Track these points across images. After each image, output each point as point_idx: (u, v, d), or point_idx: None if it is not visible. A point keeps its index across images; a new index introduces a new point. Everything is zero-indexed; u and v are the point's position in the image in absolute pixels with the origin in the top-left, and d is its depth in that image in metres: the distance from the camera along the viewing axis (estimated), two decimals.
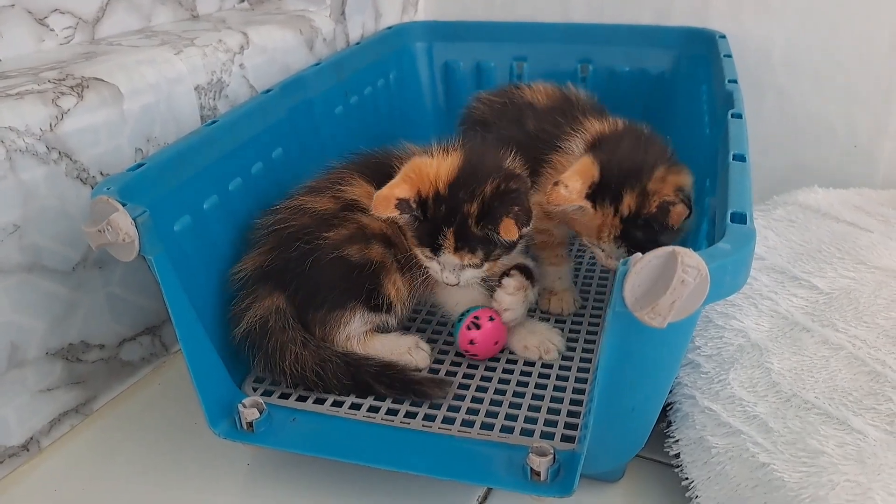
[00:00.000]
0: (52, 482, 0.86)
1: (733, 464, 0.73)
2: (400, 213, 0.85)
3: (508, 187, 0.87)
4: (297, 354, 0.88)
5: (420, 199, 0.86)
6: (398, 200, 0.85)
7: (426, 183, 0.87)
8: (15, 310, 0.85)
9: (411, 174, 0.87)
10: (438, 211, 0.86)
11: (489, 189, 0.86)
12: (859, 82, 1.34)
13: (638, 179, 0.90)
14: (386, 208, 0.84)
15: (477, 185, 0.86)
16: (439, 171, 0.88)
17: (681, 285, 0.56)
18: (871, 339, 0.82)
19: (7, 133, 0.82)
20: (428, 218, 0.87)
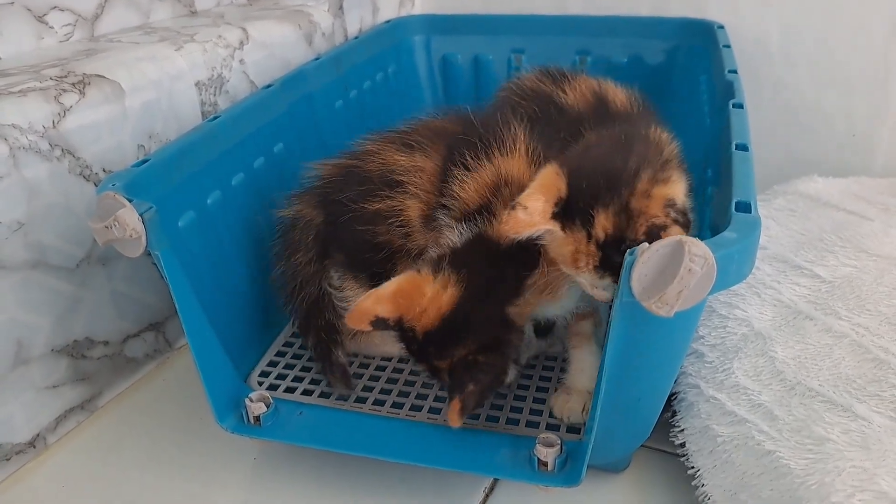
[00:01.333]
0: (58, 478, 0.87)
1: (739, 452, 0.74)
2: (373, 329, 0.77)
3: (476, 360, 0.75)
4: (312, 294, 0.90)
5: (400, 325, 0.77)
6: (376, 318, 0.76)
7: (411, 314, 0.76)
8: (20, 307, 0.85)
9: (400, 296, 0.76)
10: (411, 349, 0.78)
11: (459, 353, 0.75)
12: (856, 71, 1.34)
13: (616, 194, 0.70)
14: (360, 322, 0.76)
15: (452, 344, 0.75)
16: (428, 308, 0.76)
17: (688, 274, 0.56)
18: (873, 326, 0.83)
19: (10, 130, 0.82)
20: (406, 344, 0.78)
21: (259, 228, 1.00)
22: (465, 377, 0.74)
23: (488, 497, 0.82)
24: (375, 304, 0.76)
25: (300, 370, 0.94)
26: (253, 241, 0.98)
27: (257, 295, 0.98)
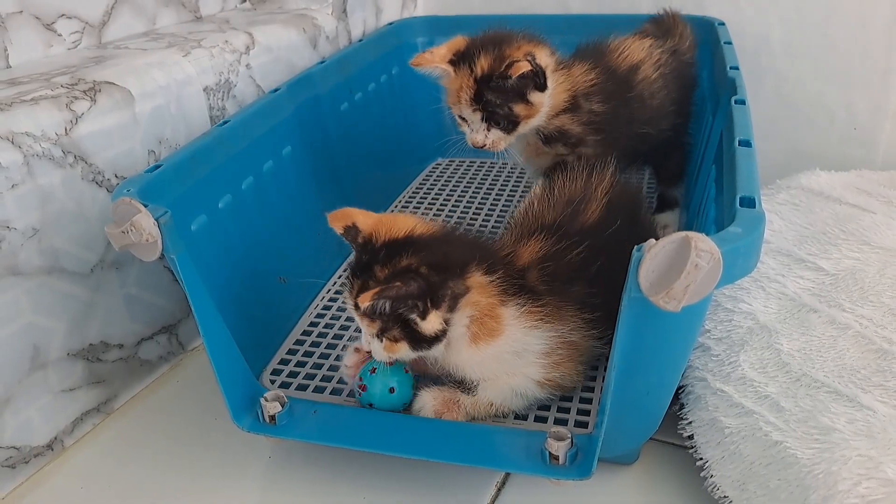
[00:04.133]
0: (76, 480, 0.88)
1: (746, 443, 0.75)
2: (343, 234, 0.81)
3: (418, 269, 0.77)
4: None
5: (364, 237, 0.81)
6: (349, 225, 0.81)
7: (381, 229, 0.81)
8: (36, 312, 0.86)
9: (384, 220, 0.82)
10: (361, 258, 0.81)
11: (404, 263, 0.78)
12: (857, 65, 1.35)
13: (497, 46, 0.98)
14: (338, 223, 0.82)
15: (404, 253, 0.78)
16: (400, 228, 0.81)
17: (694, 269, 0.58)
18: (877, 317, 0.84)
19: (24, 138, 0.83)
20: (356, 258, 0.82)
21: (268, 230, 1.01)
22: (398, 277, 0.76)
23: (500, 491, 0.83)
24: (359, 214, 0.82)
25: (312, 367, 0.95)
26: (263, 242, 0.99)
27: (268, 294, 1.00)
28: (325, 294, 1.11)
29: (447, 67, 0.99)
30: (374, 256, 0.79)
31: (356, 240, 0.81)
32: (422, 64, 1.00)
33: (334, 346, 0.99)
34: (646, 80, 1.11)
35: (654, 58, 1.13)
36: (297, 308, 1.06)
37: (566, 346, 0.83)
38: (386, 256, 0.79)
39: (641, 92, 1.10)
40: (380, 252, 0.79)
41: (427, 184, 1.47)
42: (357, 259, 0.82)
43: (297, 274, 1.06)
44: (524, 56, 0.96)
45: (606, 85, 1.06)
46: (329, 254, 1.17)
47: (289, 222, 1.07)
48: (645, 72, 1.11)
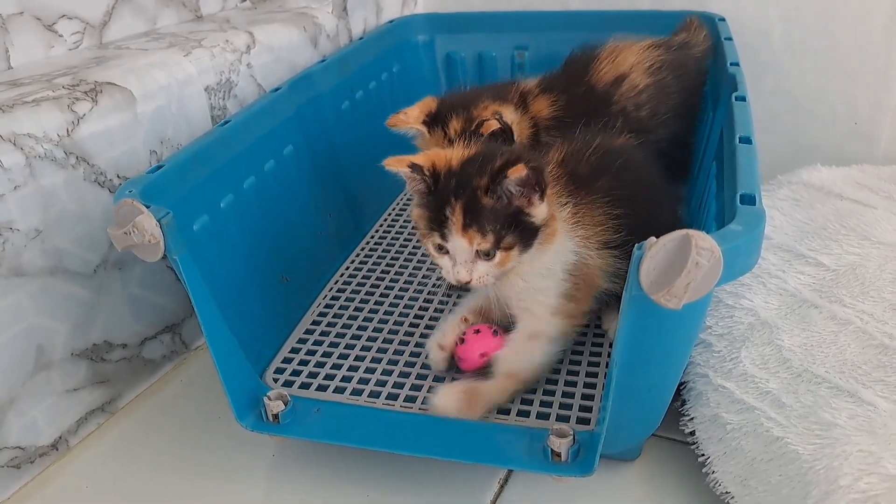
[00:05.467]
0: (81, 479, 0.88)
1: (748, 439, 0.75)
2: (410, 172, 0.82)
3: (519, 156, 0.80)
4: None
5: (433, 171, 0.82)
6: (412, 163, 0.82)
7: (442, 160, 0.83)
8: (39, 313, 0.87)
9: (430, 153, 0.85)
10: (448, 184, 0.81)
11: (499, 162, 0.80)
12: (858, 60, 1.35)
13: (465, 108, 1.05)
14: (397, 165, 0.82)
15: (489, 160, 0.81)
16: (457, 153, 0.84)
17: (695, 267, 0.58)
18: (877, 313, 0.84)
19: (26, 140, 0.84)
20: (437, 191, 0.82)
21: (270, 229, 1.01)
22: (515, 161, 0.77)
23: (503, 488, 0.83)
24: (409, 157, 0.83)
25: (314, 366, 0.96)
26: (265, 241, 1.00)
27: (271, 294, 1.00)
28: (327, 293, 1.11)
29: (422, 128, 1.06)
30: (462, 175, 0.81)
31: (425, 174, 0.82)
32: (398, 125, 1.05)
33: (337, 344, 0.99)
34: (631, 90, 1.12)
35: (647, 62, 1.13)
36: (299, 307, 1.06)
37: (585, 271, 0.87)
38: (476, 169, 0.80)
39: (624, 106, 1.12)
40: (463, 170, 0.81)
41: None
42: (438, 189, 0.82)
43: (299, 273, 1.07)
44: (492, 115, 1.04)
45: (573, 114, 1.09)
46: (331, 252, 1.17)
47: (291, 221, 1.07)
48: (631, 81, 1.12)
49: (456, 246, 0.81)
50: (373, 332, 1.01)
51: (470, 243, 0.80)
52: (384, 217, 1.33)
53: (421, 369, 0.94)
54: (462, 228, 0.80)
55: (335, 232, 1.19)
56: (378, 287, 1.12)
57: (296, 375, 0.94)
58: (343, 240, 1.21)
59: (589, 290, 0.89)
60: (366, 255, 1.21)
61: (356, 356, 0.97)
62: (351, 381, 0.92)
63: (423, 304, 1.07)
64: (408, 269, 1.16)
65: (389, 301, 1.08)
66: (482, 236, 0.79)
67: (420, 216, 0.84)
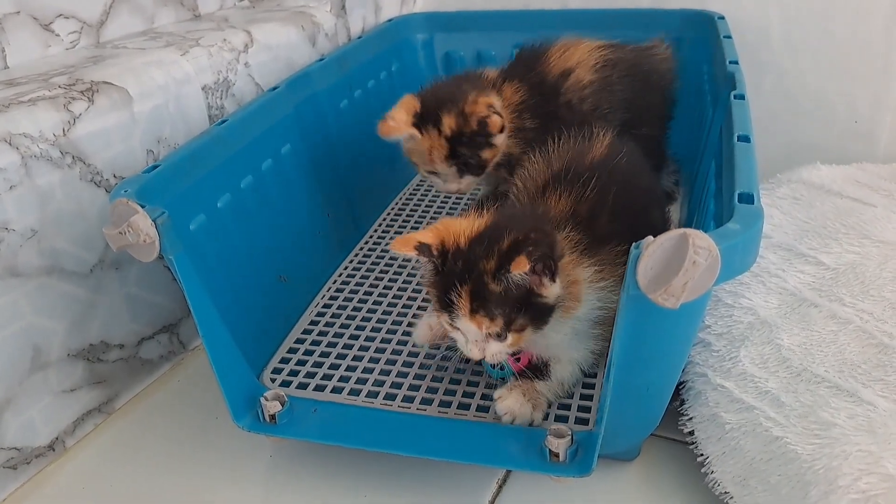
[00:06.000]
0: (78, 480, 0.88)
1: (747, 438, 0.75)
2: (418, 254, 0.78)
3: (527, 237, 0.75)
4: None
5: (442, 249, 0.78)
6: (419, 243, 0.78)
7: (451, 235, 0.79)
8: (36, 313, 0.86)
9: (439, 226, 0.80)
10: (455, 266, 0.77)
11: (507, 243, 0.76)
12: (858, 58, 1.35)
13: (454, 104, 1.03)
14: (404, 247, 0.78)
15: (497, 240, 0.76)
16: (466, 229, 0.79)
17: (693, 266, 0.57)
18: (877, 312, 0.84)
19: (22, 139, 0.83)
20: (444, 272, 0.78)
21: (268, 228, 1.01)
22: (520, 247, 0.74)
23: (501, 488, 0.83)
24: (416, 234, 0.79)
25: (312, 366, 0.95)
26: (263, 241, 0.99)
27: (268, 293, 1.00)
28: (325, 292, 1.10)
29: (413, 131, 1.03)
30: (468, 257, 0.77)
31: (434, 255, 0.78)
32: (391, 133, 1.02)
33: (335, 344, 0.99)
34: (576, 84, 1.13)
35: (592, 60, 1.14)
36: (297, 307, 1.06)
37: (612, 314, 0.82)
38: (483, 250, 0.76)
39: (570, 99, 1.13)
40: (470, 251, 0.77)
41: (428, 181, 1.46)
42: (446, 271, 0.78)
43: (297, 272, 1.06)
44: (487, 108, 1.03)
45: (535, 99, 1.11)
46: (329, 252, 1.17)
47: (289, 221, 1.07)
48: (577, 76, 1.13)
49: (465, 328, 0.79)
50: (371, 332, 1.01)
51: (479, 328, 0.77)
52: (383, 217, 1.33)
53: (419, 369, 0.93)
54: (469, 314, 0.77)
55: (333, 231, 1.18)
56: (376, 287, 1.11)
57: (293, 375, 0.94)
58: (341, 239, 1.21)
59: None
60: (364, 254, 1.21)
61: (354, 356, 0.97)
62: (349, 382, 0.92)
63: (421, 304, 1.06)
64: (406, 268, 1.16)
65: (388, 301, 1.08)
66: (491, 321, 0.76)
67: (431, 293, 0.82)
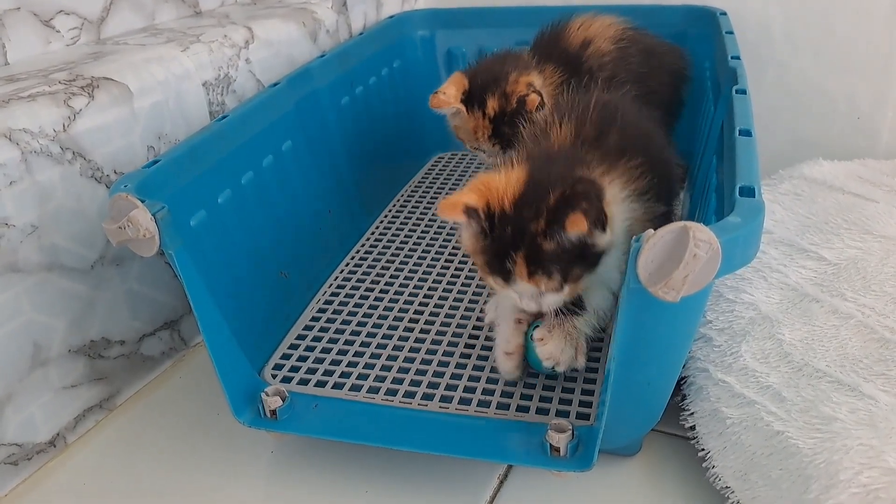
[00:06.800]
0: (79, 476, 0.88)
1: (748, 433, 0.75)
2: (468, 220, 0.77)
3: (575, 190, 0.74)
4: None
5: (488, 213, 0.77)
6: (466, 206, 0.76)
7: (494, 196, 0.77)
8: (36, 309, 0.86)
9: (480, 185, 0.78)
10: (504, 232, 0.76)
11: (553, 199, 0.75)
12: (860, 54, 1.34)
13: (497, 84, 1.09)
14: (453, 212, 0.76)
15: (542, 199, 0.75)
16: (507, 188, 0.77)
17: (693, 259, 0.57)
18: (879, 306, 0.83)
19: (22, 135, 0.83)
20: (495, 238, 0.77)
21: (269, 224, 1.01)
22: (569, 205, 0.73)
23: (503, 483, 0.83)
24: (460, 196, 0.77)
25: (313, 362, 0.95)
26: (264, 237, 0.99)
27: (270, 289, 1.00)
28: (326, 288, 1.10)
29: (461, 107, 1.10)
30: (517, 222, 0.76)
31: (482, 219, 0.77)
32: (441, 106, 1.10)
33: (336, 339, 0.99)
34: (596, 53, 1.17)
35: (611, 32, 1.19)
36: (298, 302, 1.06)
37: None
38: (531, 213, 0.75)
39: (591, 66, 1.17)
40: (518, 215, 0.76)
41: (429, 178, 1.46)
42: (495, 237, 0.77)
43: (298, 268, 1.06)
44: (527, 88, 1.07)
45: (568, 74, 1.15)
46: (331, 248, 1.17)
47: (290, 217, 1.07)
48: (596, 45, 1.18)
49: (523, 290, 0.79)
50: (372, 328, 1.01)
51: (538, 287, 0.77)
52: (384, 213, 1.33)
53: (420, 365, 0.93)
54: (528, 277, 0.77)
55: (335, 228, 1.18)
56: (378, 283, 1.11)
57: (295, 371, 0.93)
58: (343, 236, 1.21)
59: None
60: (366, 251, 1.20)
61: (355, 352, 0.96)
62: (350, 377, 0.92)
63: (422, 300, 1.06)
64: (408, 265, 1.16)
65: (389, 297, 1.08)
66: (549, 279, 0.76)
67: (477, 258, 0.81)
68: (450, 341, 0.97)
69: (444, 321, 1.01)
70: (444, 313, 1.03)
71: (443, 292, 1.08)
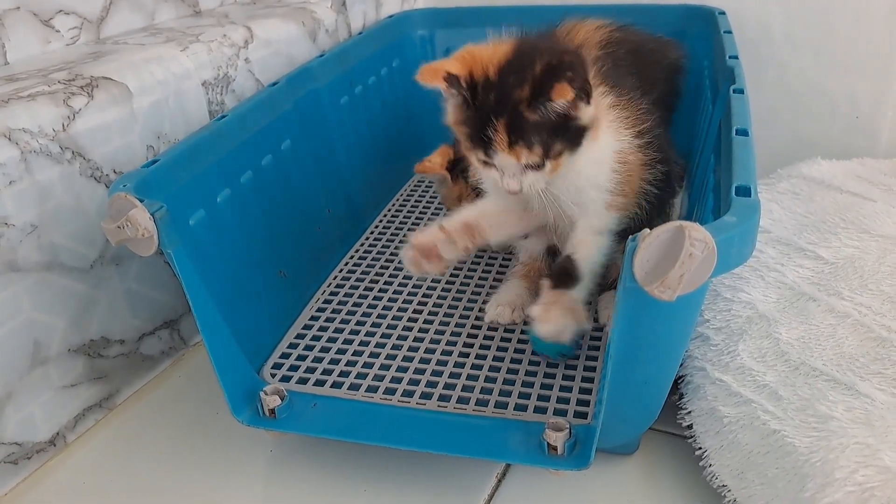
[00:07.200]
0: (79, 475, 0.88)
1: (745, 432, 0.75)
2: (447, 87, 0.77)
3: (562, 59, 0.75)
4: None
5: (471, 81, 0.77)
6: (447, 74, 0.76)
7: (479, 64, 0.77)
8: (36, 308, 0.87)
9: (465, 54, 0.79)
10: (487, 99, 0.76)
11: (539, 68, 0.75)
12: (859, 53, 1.35)
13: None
14: (433, 78, 0.76)
15: (528, 67, 0.75)
16: (492, 57, 0.78)
17: (689, 259, 0.58)
18: (876, 305, 0.84)
19: (21, 135, 0.84)
20: (477, 106, 0.77)
21: (268, 224, 1.01)
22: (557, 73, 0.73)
23: (501, 482, 0.83)
24: (442, 63, 0.78)
25: (312, 361, 0.95)
26: (263, 236, 1.00)
27: (268, 288, 1.00)
28: (326, 288, 1.11)
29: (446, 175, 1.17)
30: (501, 88, 0.76)
31: (463, 87, 0.77)
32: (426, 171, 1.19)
33: (335, 339, 0.99)
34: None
35: (598, 37, 1.15)
36: (297, 302, 1.06)
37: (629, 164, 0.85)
38: (516, 79, 0.75)
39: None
40: (502, 81, 0.76)
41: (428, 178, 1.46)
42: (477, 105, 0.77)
43: (297, 268, 1.07)
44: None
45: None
46: (330, 247, 1.17)
47: (289, 216, 1.07)
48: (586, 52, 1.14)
49: (503, 163, 0.79)
50: (371, 328, 1.01)
51: (518, 159, 0.78)
52: (383, 213, 1.33)
53: (418, 364, 0.94)
54: (508, 146, 0.77)
55: (334, 227, 1.18)
56: (376, 283, 1.12)
57: (293, 371, 0.94)
58: (342, 235, 1.21)
59: (635, 181, 0.88)
60: (365, 250, 1.21)
61: (354, 351, 0.97)
62: (348, 377, 0.92)
63: (421, 300, 1.06)
64: None
65: (388, 297, 1.08)
66: (529, 151, 0.77)
67: (460, 130, 0.81)
68: (448, 340, 0.97)
69: (442, 320, 1.02)
70: (443, 313, 1.03)
71: (441, 292, 1.08)
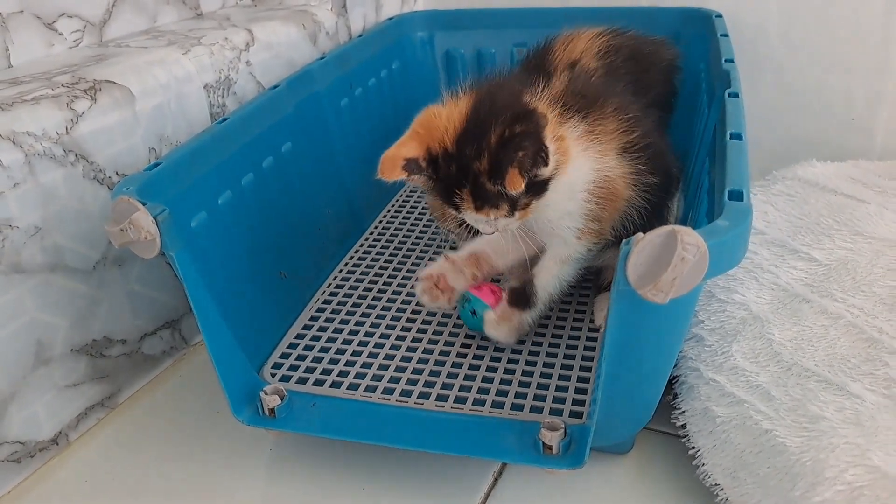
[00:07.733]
0: (81, 474, 0.89)
1: (737, 432, 0.76)
2: (408, 175, 0.79)
3: (513, 132, 0.76)
4: None
5: (430, 158, 0.79)
6: (405, 161, 0.78)
7: (435, 138, 0.79)
8: (39, 309, 0.88)
9: (419, 129, 0.80)
10: (450, 170, 0.79)
11: (494, 139, 0.76)
12: (855, 55, 1.35)
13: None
14: (392, 171, 0.78)
15: (483, 136, 0.77)
16: (448, 124, 0.79)
17: (681, 262, 0.59)
18: (868, 307, 0.85)
19: (25, 138, 0.85)
20: (440, 178, 0.80)
21: (269, 225, 1.02)
22: (508, 152, 0.75)
23: (497, 481, 0.84)
24: (400, 149, 0.79)
25: (312, 361, 0.96)
26: (263, 238, 1.00)
27: (269, 289, 1.01)
28: (325, 288, 1.12)
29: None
30: (460, 160, 0.78)
31: (423, 168, 0.79)
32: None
33: (334, 339, 1.00)
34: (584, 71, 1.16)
35: (595, 48, 1.17)
36: (297, 302, 1.07)
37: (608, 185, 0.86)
38: (473, 152, 0.77)
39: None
40: (460, 152, 0.78)
41: None
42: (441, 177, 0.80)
43: (297, 268, 1.08)
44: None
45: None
46: (330, 248, 1.18)
47: (289, 217, 1.08)
48: (583, 65, 1.15)
49: (474, 220, 0.83)
50: (370, 328, 1.02)
51: (487, 216, 0.81)
52: (383, 213, 1.34)
53: (417, 364, 0.95)
54: (475, 210, 0.80)
55: (333, 228, 1.19)
56: (376, 283, 1.13)
57: (293, 370, 0.95)
58: (342, 236, 1.22)
59: (615, 204, 0.88)
60: (364, 251, 1.22)
61: (353, 351, 0.98)
62: (348, 376, 0.93)
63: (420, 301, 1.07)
64: (406, 265, 1.17)
65: (387, 297, 1.09)
66: (497, 209, 0.80)
67: (431, 200, 0.85)
68: (446, 341, 0.98)
69: (440, 321, 1.03)
70: (441, 313, 1.04)
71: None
